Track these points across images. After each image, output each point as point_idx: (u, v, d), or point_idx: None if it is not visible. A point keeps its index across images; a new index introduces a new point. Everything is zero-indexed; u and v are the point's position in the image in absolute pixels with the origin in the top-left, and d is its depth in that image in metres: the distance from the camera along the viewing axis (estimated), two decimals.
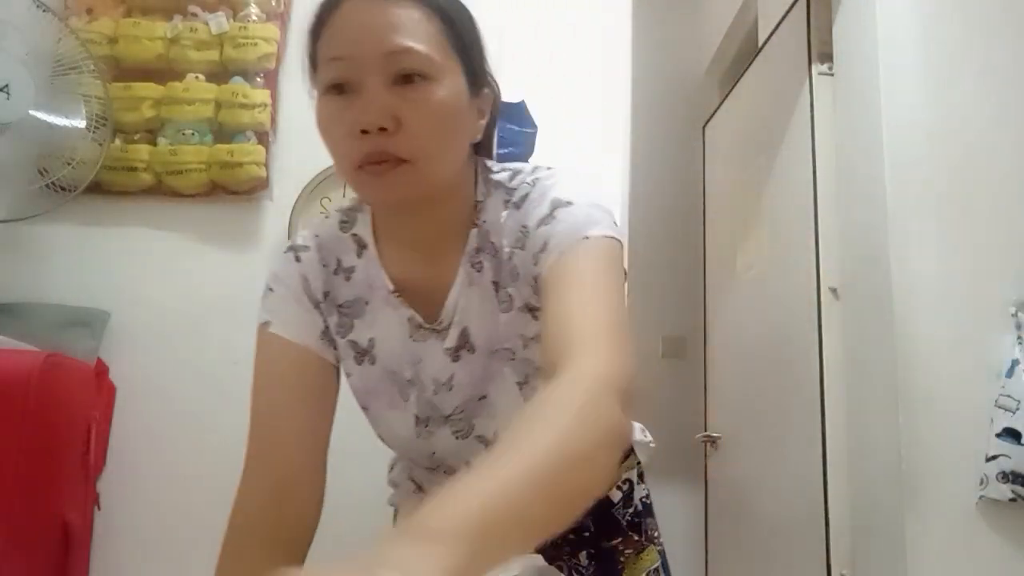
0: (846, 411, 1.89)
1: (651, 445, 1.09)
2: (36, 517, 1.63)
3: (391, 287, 0.93)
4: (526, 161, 2.50)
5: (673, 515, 2.75)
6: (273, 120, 2.06)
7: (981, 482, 1.53)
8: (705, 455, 2.87)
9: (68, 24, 1.92)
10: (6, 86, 1.76)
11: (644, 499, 1.07)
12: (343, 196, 2.04)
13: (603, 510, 1.03)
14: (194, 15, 2.07)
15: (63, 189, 1.88)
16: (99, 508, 1.87)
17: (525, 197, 0.89)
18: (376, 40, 0.80)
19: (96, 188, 1.96)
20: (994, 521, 1.54)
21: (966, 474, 1.55)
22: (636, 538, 1.04)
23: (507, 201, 0.91)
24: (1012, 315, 1.58)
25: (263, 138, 2.02)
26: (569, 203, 0.84)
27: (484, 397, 0.93)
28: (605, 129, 3.94)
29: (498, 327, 0.91)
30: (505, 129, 2.27)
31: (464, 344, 0.91)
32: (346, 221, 0.97)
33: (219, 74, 2.04)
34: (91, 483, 1.83)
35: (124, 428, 1.93)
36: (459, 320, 0.91)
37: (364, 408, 0.98)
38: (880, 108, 1.74)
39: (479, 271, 0.91)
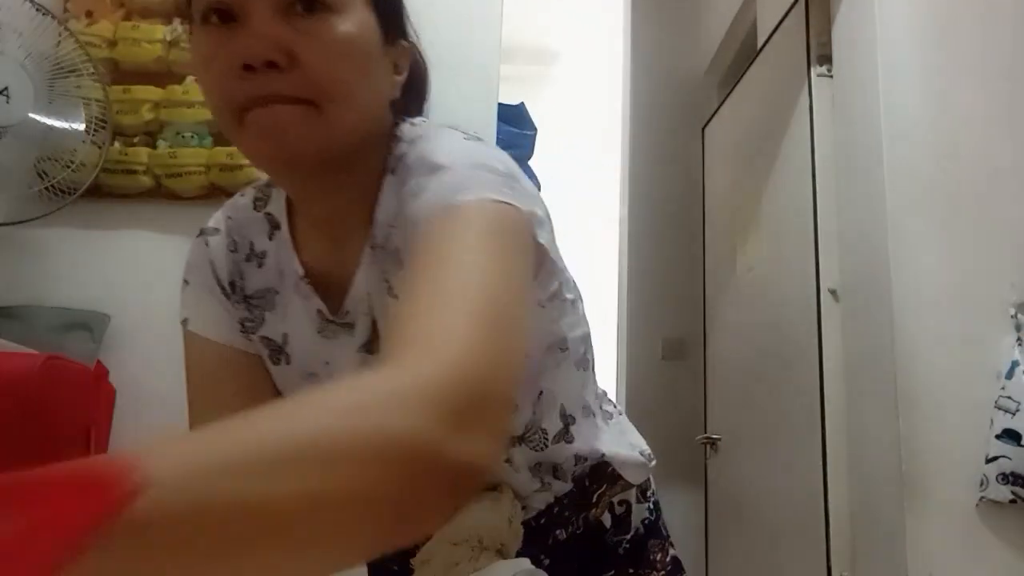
0: (846, 412, 1.89)
1: (650, 465, 0.92)
2: None
3: (301, 272, 0.78)
4: (526, 163, 2.51)
5: (673, 516, 2.75)
6: None
7: (981, 483, 1.53)
8: (705, 456, 2.87)
9: (67, 27, 1.92)
10: (5, 89, 1.76)
11: (646, 520, 0.91)
12: None
13: (592, 537, 0.87)
14: None
15: (62, 192, 1.88)
16: None
17: (401, 161, 0.73)
18: None
19: (95, 191, 1.96)
20: (994, 522, 1.54)
21: (966, 475, 1.55)
22: (632, 570, 0.88)
23: (399, 168, 0.73)
24: (1012, 316, 1.58)
25: None
26: (441, 167, 0.66)
27: None
28: (605, 130, 3.94)
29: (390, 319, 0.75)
30: (505, 131, 2.27)
31: (369, 342, 0.77)
32: (260, 198, 0.82)
33: None
34: None
35: (124, 431, 1.93)
36: (366, 311, 0.76)
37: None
38: (879, 109, 1.75)
39: (381, 251, 0.75)
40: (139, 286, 2.01)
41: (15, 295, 1.95)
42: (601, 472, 0.87)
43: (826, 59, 2.07)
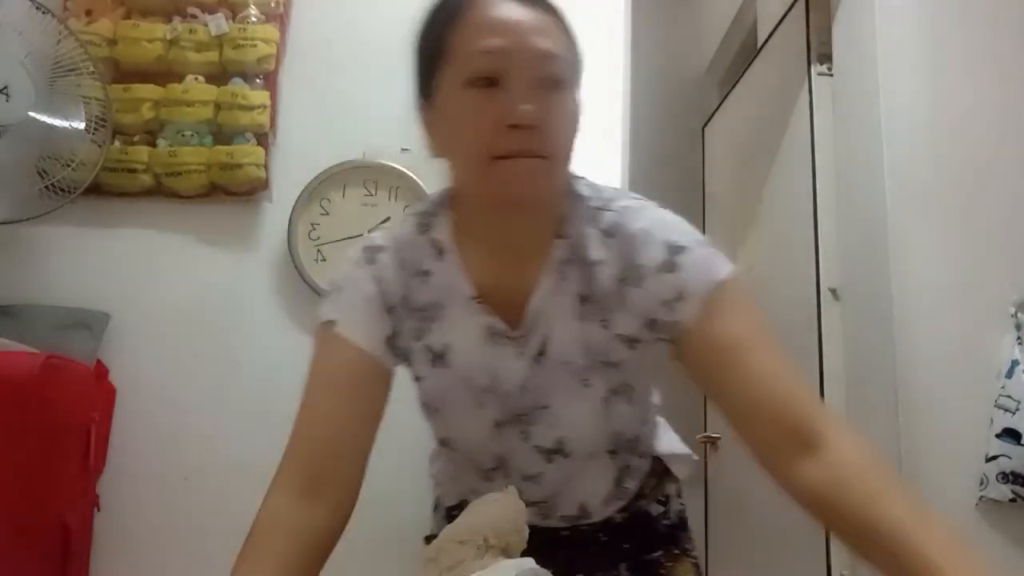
0: (846, 412, 1.89)
1: (693, 458, 1.12)
2: (36, 519, 1.63)
3: (472, 293, 0.92)
4: None
5: None
6: (272, 121, 2.05)
7: (981, 482, 1.53)
8: (705, 456, 2.87)
9: (67, 26, 1.92)
10: (5, 88, 1.76)
11: (680, 513, 1.10)
12: (342, 197, 2.04)
13: (643, 523, 1.05)
14: (193, 16, 2.07)
15: (63, 191, 1.88)
16: (99, 509, 1.87)
17: (617, 227, 0.91)
18: (532, 41, 0.83)
19: (96, 190, 1.96)
20: (994, 521, 1.54)
21: (966, 474, 1.55)
22: (675, 551, 1.06)
23: (593, 220, 0.92)
24: (1012, 315, 1.58)
25: (262, 139, 2.02)
26: (683, 247, 0.88)
27: (547, 407, 0.93)
28: (604, 129, 3.93)
29: (577, 339, 0.91)
30: None
31: (541, 352, 0.92)
32: (424, 224, 0.96)
33: (218, 75, 2.04)
34: (91, 485, 1.83)
35: (124, 429, 1.93)
36: (541, 328, 0.91)
37: (434, 410, 0.97)
38: (879, 108, 1.74)
39: (565, 280, 0.91)
40: (139, 285, 2.01)
41: (15, 294, 1.95)
42: (655, 468, 1.07)
43: (826, 58, 2.07)
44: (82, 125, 1.88)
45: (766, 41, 2.49)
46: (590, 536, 1.02)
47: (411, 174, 2.04)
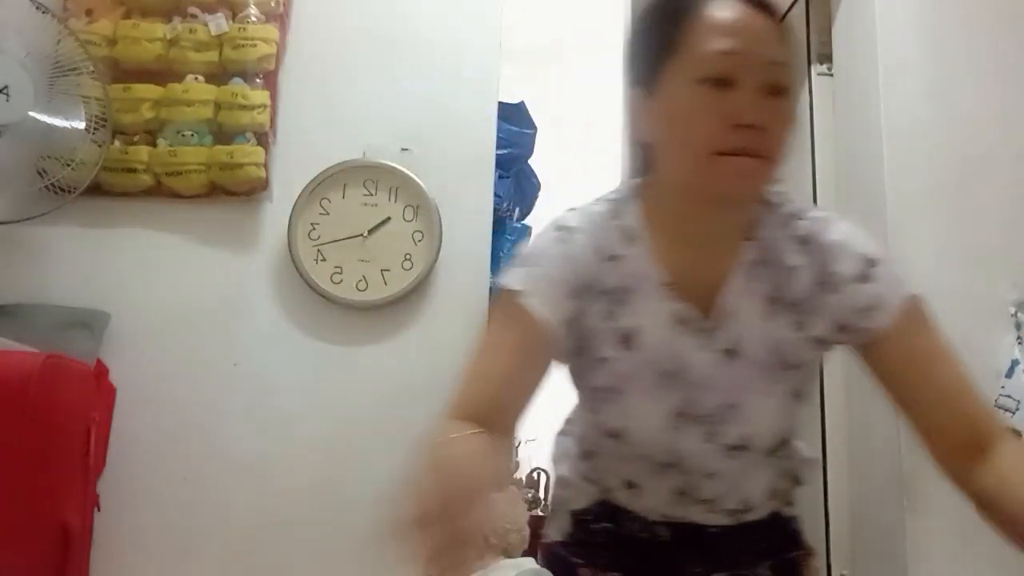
0: (846, 411, 1.89)
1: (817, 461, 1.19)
2: (36, 518, 1.63)
3: (663, 279, 0.95)
4: (526, 161, 2.51)
5: None
6: (272, 121, 2.05)
7: None
8: None
9: (67, 26, 1.92)
10: (5, 88, 1.76)
11: (799, 518, 1.13)
12: (342, 197, 2.04)
13: (780, 524, 1.07)
14: (193, 16, 2.07)
15: (63, 190, 1.88)
16: (99, 509, 1.86)
17: (812, 236, 0.97)
18: (768, 47, 0.88)
19: (96, 189, 1.96)
20: None
21: None
22: (808, 553, 1.10)
23: (786, 227, 0.98)
24: (1012, 315, 1.58)
25: (262, 139, 2.01)
26: (877, 261, 0.96)
27: (737, 405, 0.96)
28: (605, 129, 3.94)
29: (766, 339, 0.96)
30: (504, 130, 2.27)
31: (733, 350, 0.95)
32: (615, 211, 0.99)
33: (218, 75, 2.04)
34: (91, 484, 1.83)
35: (124, 429, 1.93)
36: (731, 324, 0.95)
37: (616, 393, 0.98)
38: (879, 108, 1.74)
39: (755, 281, 0.96)
40: (139, 284, 2.01)
41: (15, 293, 1.95)
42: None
43: (827, 58, 2.07)
44: (82, 125, 1.88)
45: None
46: (734, 533, 1.03)
47: (411, 174, 2.04)
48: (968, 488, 0.93)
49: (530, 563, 0.76)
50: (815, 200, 2.03)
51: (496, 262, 2.22)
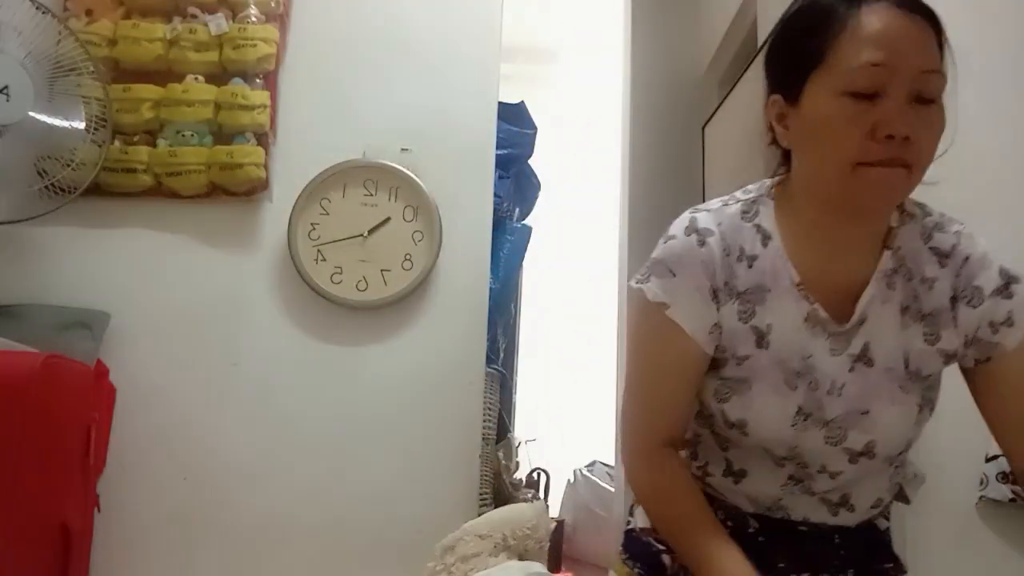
0: None
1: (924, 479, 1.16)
2: (36, 518, 1.63)
3: (797, 279, 0.97)
4: (526, 161, 2.51)
5: None
6: (272, 121, 2.06)
7: (981, 482, 1.53)
8: None
9: (67, 26, 1.92)
10: (5, 88, 1.76)
11: (888, 529, 1.12)
12: (342, 197, 2.04)
13: (873, 534, 1.07)
14: (193, 16, 2.07)
15: (63, 191, 1.88)
16: (99, 509, 1.87)
17: (954, 249, 0.99)
18: (918, 55, 0.89)
19: (96, 190, 1.96)
20: (994, 521, 1.54)
21: (966, 474, 1.55)
22: (900, 563, 1.10)
23: (926, 238, 1.00)
24: None
25: (262, 139, 2.02)
26: (1018, 278, 0.98)
27: (866, 412, 0.97)
28: (604, 129, 3.94)
29: (899, 348, 0.97)
30: (504, 130, 2.27)
31: (864, 356, 0.96)
32: (747, 212, 1.01)
33: (218, 75, 2.04)
34: (91, 484, 1.83)
35: (124, 429, 1.93)
36: (865, 330, 0.96)
37: (743, 384, 0.99)
38: None
39: (892, 290, 0.97)
40: (139, 285, 2.01)
41: (15, 294, 1.95)
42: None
43: None
44: (82, 125, 1.88)
45: (766, 41, 2.49)
46: (827, 536, 1.03)
47: (411, 174, 2.04)
48: None
49: (538, 567, 0.77)
50: None
51: (496, 262, 2.22)
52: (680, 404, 1.00)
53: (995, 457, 1.51)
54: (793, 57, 0.94)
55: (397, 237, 2.03)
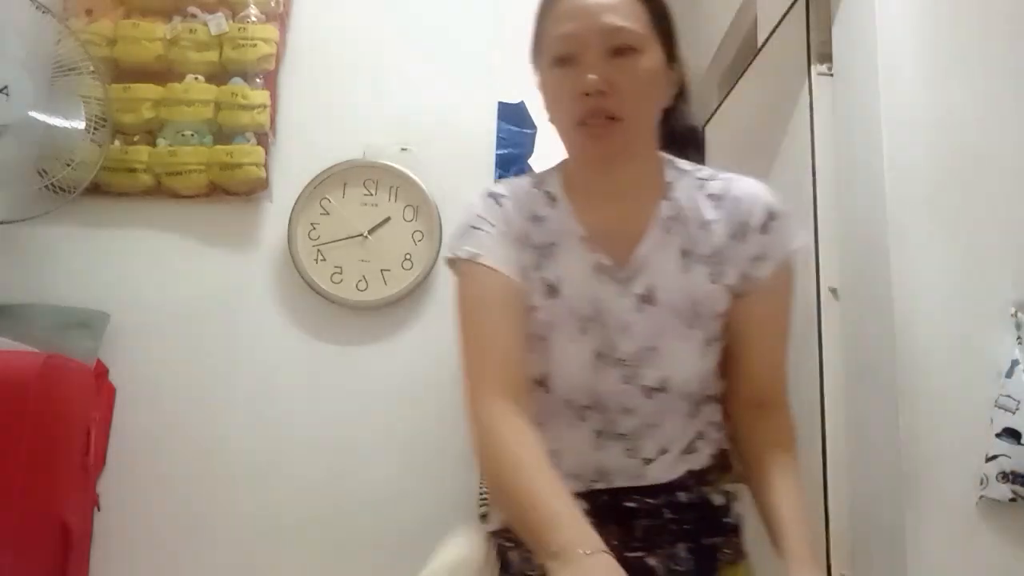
0: (846, 411, 1.88)
1: None
2: (36, 518, 1.63)
3: (582, 233, 1.06)
4: (526, 161, 2.51)
5: None
6: (272, 121, 2.06)
7: (981, 482, 1.53)
8: None
9: (67, 25, 1.92)
10: (5, 87, 1.76)
11: (740, 518, 1.15)
12: (342, 197, 2.04)
13: (705, 508, 1.10)
14: (193, 16, 2.07)
15: (63, 190, 1.88)
16: (99, 509, 1.87)
17: (726, 191, 1.07)
18: (595, 20, 0.99)
19: (95, 189, 1.96)
20: (994, 521, 1.54)
21: (966, 474, 1.55)
22: (735, 540, 1.13)
23: (701, 188, 1.08)
24: (1012, 315, 1.58)
25: (262, 139, 2.02)
26: (779, 214, 1.06)
27: (655, 348, 1.03)
28: None
29: (681, 288, 1.04)
30: (504, 130, 2.27)
31: (649, 297, 1.04)
32: (537, 180, 1.13)
33: (218, 75, 2.04)
34: (91, 484, 1.83)
35: (124, 429, 1.93)
36: (646, 274, 1.04)
37: (540, 340, 1.05)
38: (880, 108, 1.74)
39: (669, 235, 1.05)
40: (139, 284, 2.01)
41: (15, 293, 1.95)
42: (722, 460, 1.15)
43: (827, 57, 2.06)
44: (82, 125, 1.88)
45: (766, 41, 2.49)
46: (654, 510, 1.05)
47: (411, 174, 2.04)
48: (743, 435, 1.10)
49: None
50: (815, 200, 2.03)
51: None
52: (509, 342, 1.01)
53: (995, 457, 1.51)
54: (532, 45, 1.08)
55: (397, 237, 2.03)
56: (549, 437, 1.04)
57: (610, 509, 1.04)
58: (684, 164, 1.12)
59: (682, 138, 1.17)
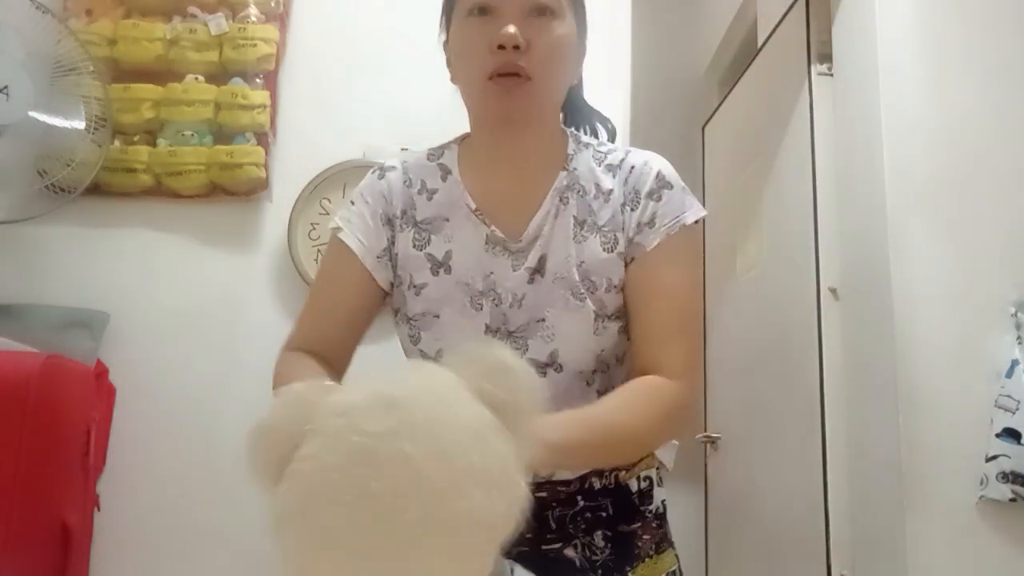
0: (846, 411, 1.89)
1: (674, 443, 1.14)
2: (36, 518, 1.63)
3: (473, 206, 1.04)
4: None
5: (673, 514, 2.74)
6: (272, 121, 2.05)
7: (981, 482, 1.53)
8: (705, 455, 2.87)
9: (67, 25, 1.92)
10: (5, 87, 1.76)
11: (663, 503, 1.10)
12: (342, 197, 2.04)
13: (621, 494, 1.06)
14: (193, 16, 2.07)
15: (62, 190, 1.88)
16: (99, 509, 1.87)
17: (622, 162, 1.06)
18: None
19: (95, 189, 1.96)
20: (994, 521, 1.54)
21: (966, 474, 1.55)
22: (656, 526, 1.07)
23: (600, 159, 1.07)
24: (1012, 315, 1.59)
25: (262, 139, 2.01)
26: (671, 184, 1.04)
27: (542, 320, 1.01)
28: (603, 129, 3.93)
29: (574, 259, 1.01)
30: None
31: (540, 268, 1.02)
32: (433, 154, 1.12)
33: (218, 75, 2.04)
34: (91, 484, 1.83)
35: (124, 429, 1.93)
36: (540, 244, 1.02)
37: (432, 318, 1.04)
38: (879, 108, 1.75)
39: (564, 206, 1.03)
40: (139, 284, 2.01)
41: (15, 293, 1.95)
42: None
43: (826, 57, 2.07)
44: (82, 125, 1.88)
45: (766, 41, 2.49)
46: (566, 498, 1.03)
47: None
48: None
49: (517, 566, 0.78)
50: (815, 200, 2.03)
51: None
52: (330, 315, 1.06)
53: (995, 457, 1.52)
54: (443, 3, 1.06)
55: None
56: None
57: None
58: (586, 138, 1.11)
59: (584, 117, 1.17)
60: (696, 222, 1.04)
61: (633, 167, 1.05)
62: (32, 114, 1.80)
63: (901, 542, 1.57)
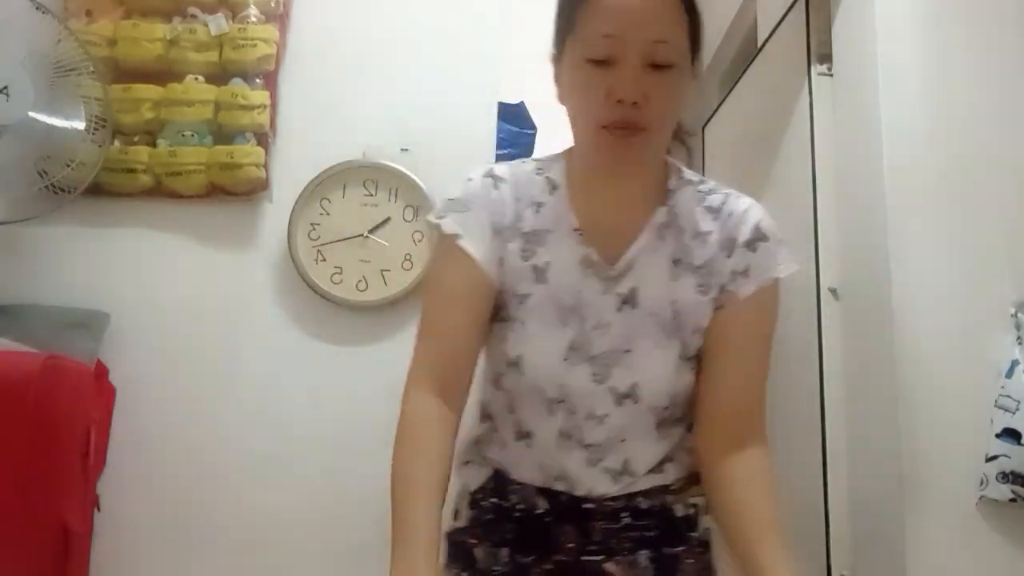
0: (846, 411, 1.88)
1: None
2: (36, 519, 1.63)
3: (576, 225, 1.05)
4: None
5: None
6: (272, 121, 2.06)
7: (981, 482, 1.53)
8: None
9: (67, 26, 1.92)
10: (5, 88, 1.76)
11: (708, 532, 1.11)
12: (342, 197, 2.04)
13: (666, 517, 1.07)
14: (193, 16, 2.07)
15: (62, 191, 1.88)
16: (99, 509, 1.87)
17: (723, 205, 1.07)
18: (646, 27, 0.95)
19: (95, 190, 1.96)
20: (994, 521, 1.54)
21: (966, 474, 1.55)
22: (699, 552, 1.09)
23: (700, 200, 1.08)
24: (1012, 315, 1.58)
25: (262, 139, 2.02)
26: (768, 235, 1.05)
27: (629, 351, 1.02)
28: None
29: (666, 296, 1.03)
30: (504, 130, 2.27)
31: (631, 299, 1.03)
32: (541, 168, 1.12)
33: (218, 75, 2.04)
34: (91, 485, 1.83)
35: (124, 429, 1.93)
36: (633, 275, 1.04)
37: (519, 323, 1.05)
38: (879, 108, 1.74)
39: (662, 242, 1.05)
40: (139, 285, 2.01)
41: (15, 294, 1.95)
42: (691, 474, 1.11)
43: (826, 58, 2.06)
44: (82, 125, 1.88)
45: (766, 41, 2.49)
46: (612, 513, 1.04)
47: (411, 174, 2.04)
48: (712, 471, 1.03)
49: None
50: (815, 200, 2.03)
51: None
52: (460, 336, 1.03)
53: (995, 457, 1.51)
54: (557, 21, 1.04)
55: (397, 237, 2.03)
56: (521, 419, 1.07)
57: (568, 509, 1.04)
58: (689, 174, 1.11)
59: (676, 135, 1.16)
60: (784, 277, 1.06)
61: (732, 213, 1.06)
62: (32, 114, 1.80)
63: (901, 542, 1.56)
